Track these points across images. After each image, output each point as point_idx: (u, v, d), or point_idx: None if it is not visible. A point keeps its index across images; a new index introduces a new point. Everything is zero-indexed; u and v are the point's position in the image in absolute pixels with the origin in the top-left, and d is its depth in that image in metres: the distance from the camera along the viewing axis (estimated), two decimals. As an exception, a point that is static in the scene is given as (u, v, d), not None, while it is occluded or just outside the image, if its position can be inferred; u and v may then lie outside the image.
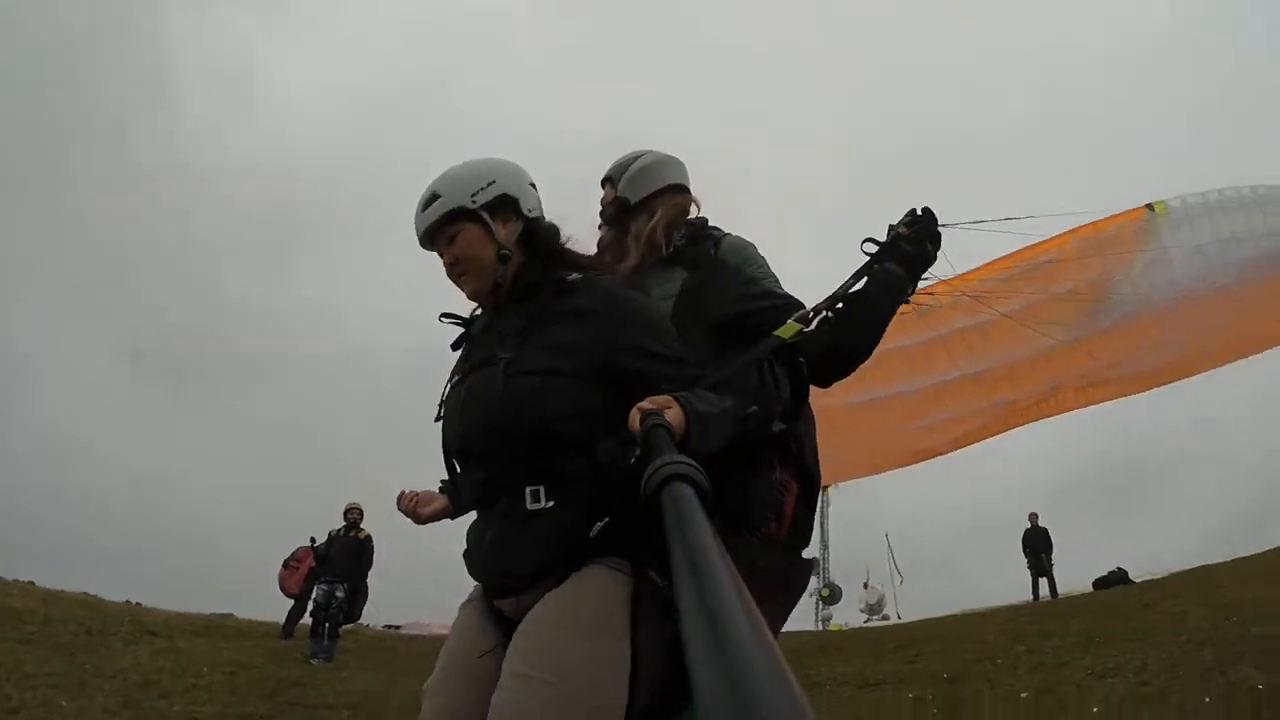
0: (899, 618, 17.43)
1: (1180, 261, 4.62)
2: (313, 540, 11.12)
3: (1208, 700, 4.61)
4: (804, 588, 1.86)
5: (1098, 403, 5.09)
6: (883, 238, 1.90)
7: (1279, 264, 4.74)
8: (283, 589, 11.54)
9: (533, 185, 1.79)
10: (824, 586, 30.05)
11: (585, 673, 1.34)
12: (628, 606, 1.42)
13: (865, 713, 5.75)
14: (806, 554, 1.85)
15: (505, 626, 1.54)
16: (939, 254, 1.89)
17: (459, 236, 1.69)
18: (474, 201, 1.68)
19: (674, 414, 1.26)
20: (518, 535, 1.53)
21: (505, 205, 1.71)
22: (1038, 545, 14.33)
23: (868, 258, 1.89)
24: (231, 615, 14.03)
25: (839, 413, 4.67)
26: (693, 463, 0.91)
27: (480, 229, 1.69)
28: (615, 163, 2.22)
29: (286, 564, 11.60)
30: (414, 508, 1.88)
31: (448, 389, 1.74)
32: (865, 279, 1.86)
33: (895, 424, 5.45)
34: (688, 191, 2.17)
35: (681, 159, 2.22)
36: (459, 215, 1.68)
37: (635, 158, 2.18)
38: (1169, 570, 13.18)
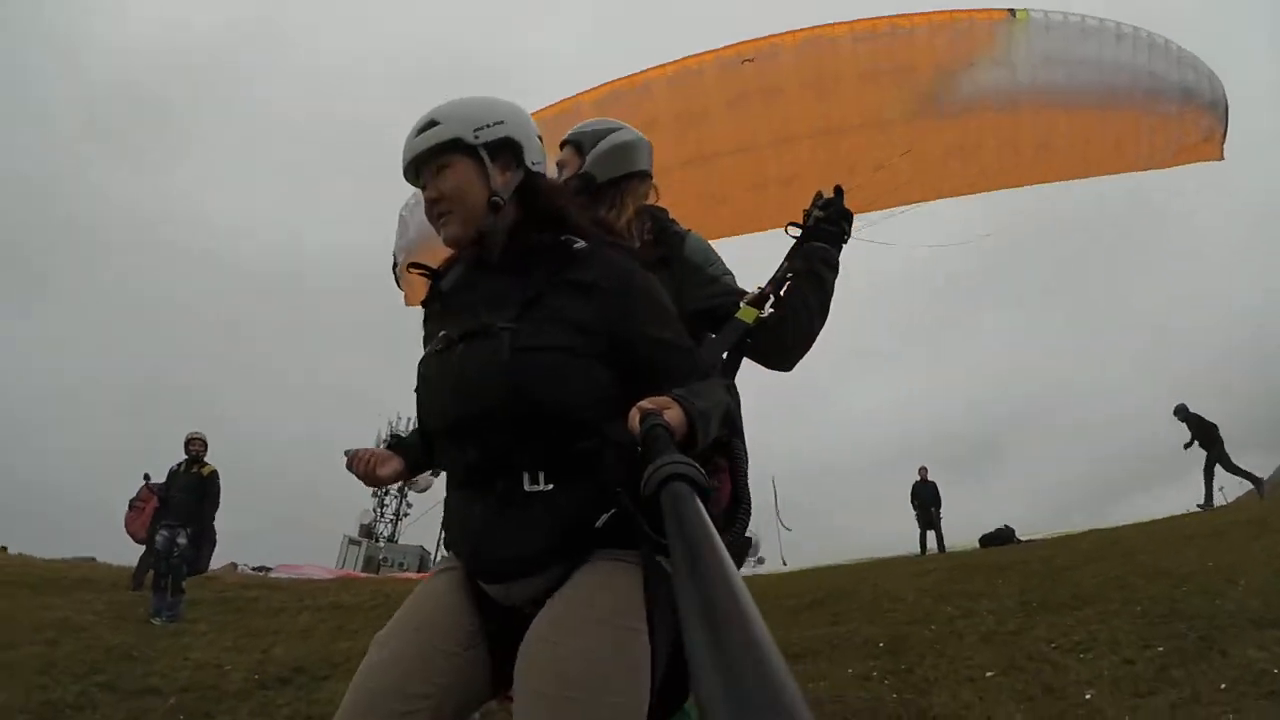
0: (784, 564, 17.19)
1: (1025, 69, 4.37)
2: (147, 478, 9.80)
3: (1224, 687, 3.88)
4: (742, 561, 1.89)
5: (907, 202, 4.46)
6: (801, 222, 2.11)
7: (1120, 98, 4.57)
8: (129, 532, 10.12)
9: (540, 138, 1.69)
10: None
11: (615, 685, 1.29)
12: (642, 599, 1.37)
13: (803, 691, 4.73)
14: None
15: (487, 611, 1.51)
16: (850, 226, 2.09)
17: (450, 170, 1.57)
18: (476, 137, 1.56)
19: (674, 414, 1.24)
20: (512, 519, 1.46)
21: (508, 150, 1.60)
22: (926, 499, 14.36)
23: (794, 240, 2.11)
24: (92, 559, 13.21)
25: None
26: (692, 463, 0.92)
27: (476, 167, 1.58)
28: (580, 128, 2.20)
29: (133, 504, 10.17)
30: (371, 469, 1.71)
31: (428, 355, 1.61)
32: (795, 259, 2.07)
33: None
34: (650, 178, 2.20)
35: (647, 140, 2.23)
36: (455, 147, 1.56)
37: (606, 130, 2.17)
38: (1051, 532, 13.44)
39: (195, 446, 8.95)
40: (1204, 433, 12.38)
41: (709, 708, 0.42)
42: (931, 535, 14.17)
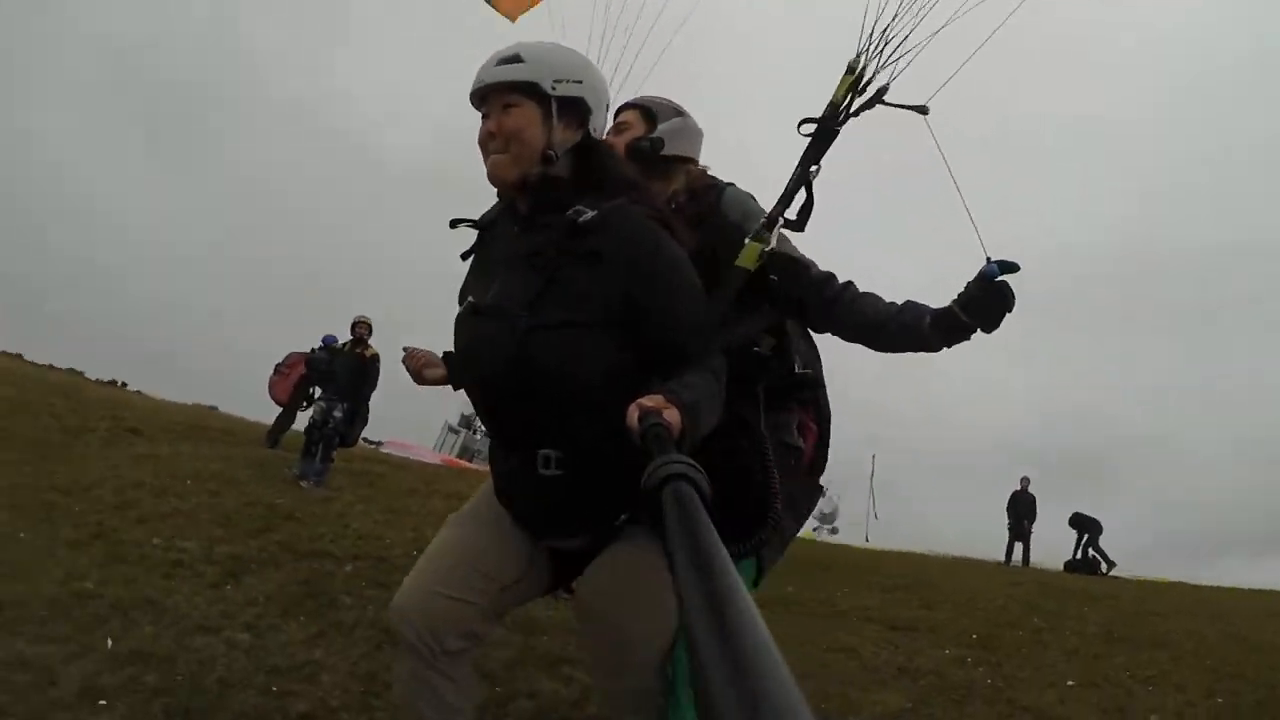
0: (867, 541, 18.12)
1: None
2: (313, 350, 10.30)
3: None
4: (811, 510, 2.11)
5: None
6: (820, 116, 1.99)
7: None
8: (272, 395, 10.95)
9: (608, 107, 1.73)
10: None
11: (655, 592, 1.50)
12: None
13: (907, 660, 5.86)
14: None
15: (533, 546, 1.68)
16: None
17: (517, 110, 1.57)
18: (553, 88, 1.57)
19: (672, 415, 1.27)
20: (533, 496, 1.59)
21: (577, 110, 1.62)
22: (1022, 511, 14.87)
23: (808, 139, 1.98)
24: (216, 409, 13.78)
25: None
26: (692, 462, 0.92)
27: (542, 115, 1.58)
28: (653, 100, 2.23)
29: (278, 369, 10.94)
30: (419, 367, 1.87)
31: (458, 317, 1.66)
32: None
33: None
34: (696, 163, 2.22)
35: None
36: (530, 90, 1.57)
37: (675, 110, 2.20)
38: (1134, 574, 13.79)
39: (360, 329, 9.47)
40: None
41: (710, 703, 0.43)
42: (1019, 547, 14.71)
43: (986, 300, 1.76)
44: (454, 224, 1.73)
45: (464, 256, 1.74)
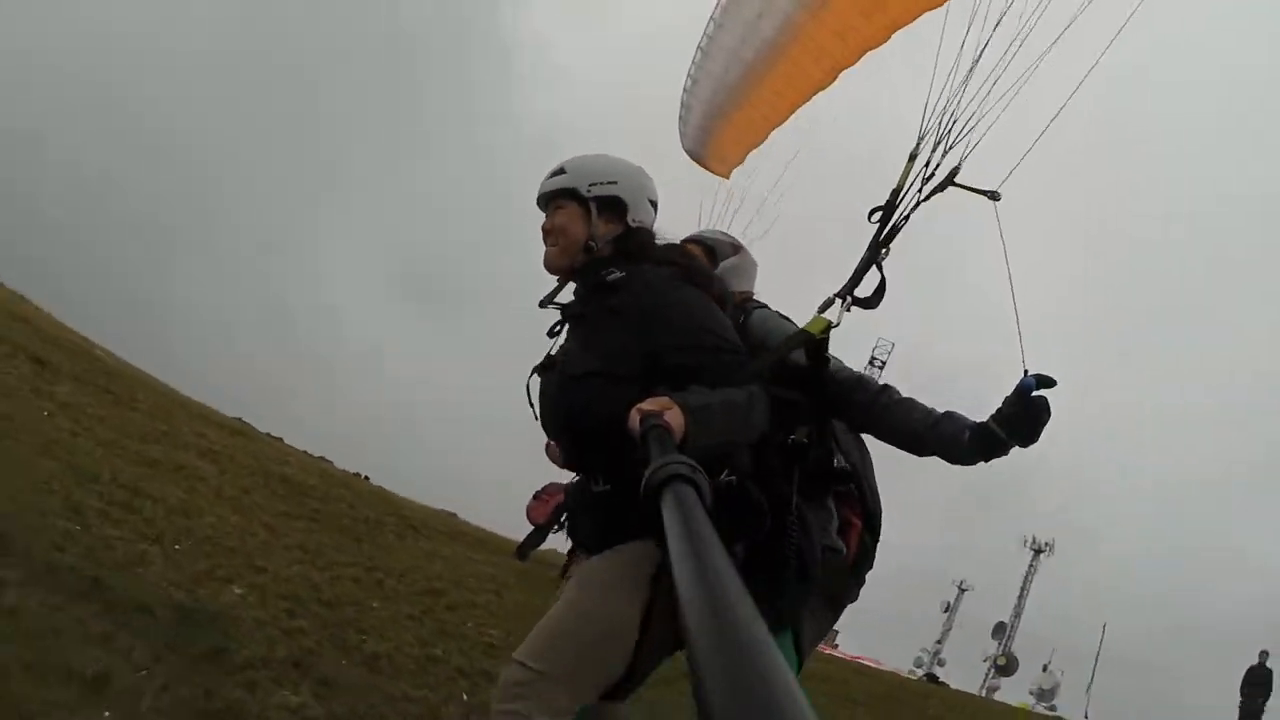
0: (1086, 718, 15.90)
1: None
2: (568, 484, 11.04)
3: None
4: (853, 601, 2.10)
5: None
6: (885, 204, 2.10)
7: None
8: (529, 517, 11.42)
9: (652, 202, 1.93)
10: (1002, 654, 27.42)
11: (599, 590, 1.66)
12: (650, 573, 1.61)
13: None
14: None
15: None
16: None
17: (562, 211, 1.86)
18: (589, 191, 1.84)
19: (674, 415, 1.30)
20: (586, 510, 1.84)
21: (614, 206, 1.86)
22: (1257, 685, 13.10)
23: (877, 225, 2.07)
24: (455, 515, 14.42)
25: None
26: (692, 463, 0.93)
27: (582, 213, 1.85)
28: (715, 236, 2.46)
29: (538, 495, 11.64)
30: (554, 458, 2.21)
31: (534, 373, 1.91)
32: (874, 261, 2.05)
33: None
34: (752, 296, 2.40)
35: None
36: (570, 194, 1.85)
37: (730, 248, 2.41)
38: None
39: None
40: None
41: (709, 699, 0.43)
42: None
43: (1024, 416, 1.77)
44: (542, 304, 1.96)
45: (549, 334, 1.94)
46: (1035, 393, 1.77)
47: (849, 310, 2.01)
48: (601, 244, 1.85)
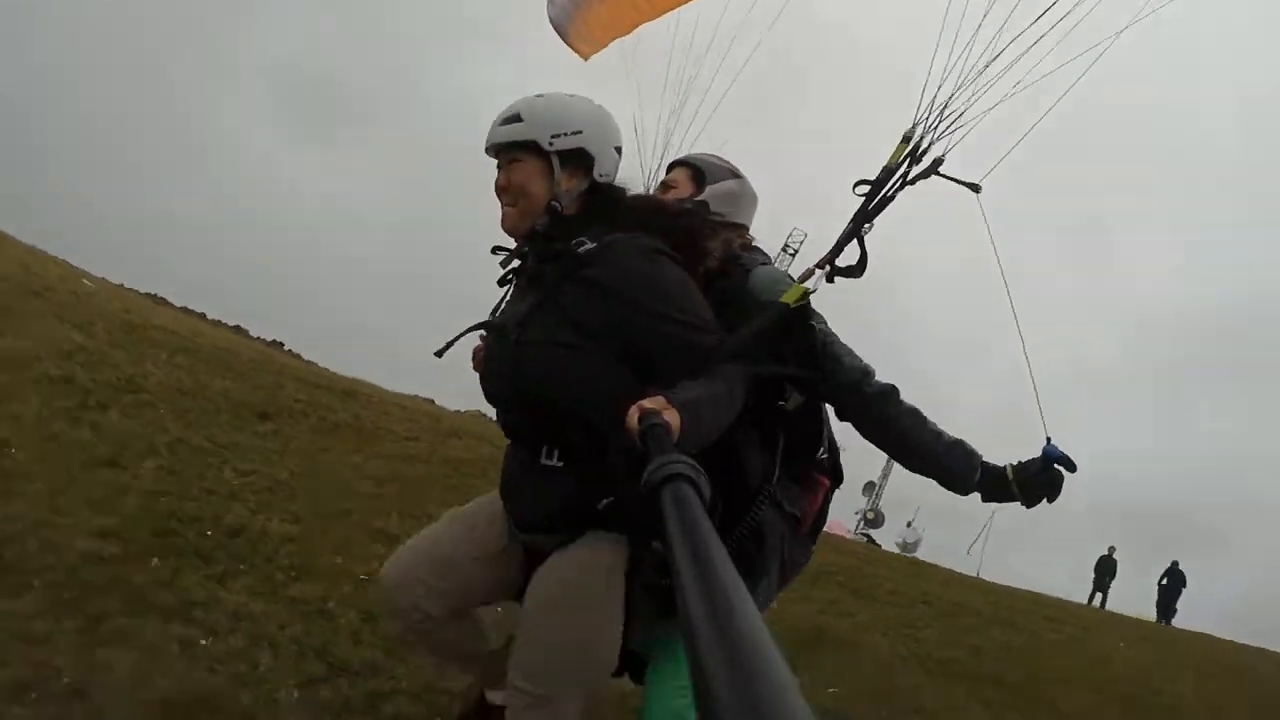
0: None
1: None
2: None
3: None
4: (798, 572, 2.04)
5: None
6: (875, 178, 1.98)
7: None
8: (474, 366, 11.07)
9: (617, 149, 1.76)
10: (870, 509, 31.36)
11: (580, 604, 1.61)
12: (623, 571, 1.63)
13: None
14: None
15: (514, 549, 1.81)
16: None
17: (520, 165, 1.66)
18: (551, 144, 1.64)
19: (672, 415, 1.28)
20: (530, 485, 1.69)
21: (579, 159, 1.68)
22: (1105, 572, 16.99)
23: (861, 198, 1.97)
24: (432, 400, 13.18)
25: None
26: (691, 462, 0.93)
27: (544, 169, 1.66)
28: (703, 158, 2.16)
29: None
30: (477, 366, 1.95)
31: (483, 328, 1.79)
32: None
33: None
34: (748, 230, 2.18)
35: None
36: (529, 147, 1.65)
37: (728, 173, 2.14)
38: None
39: None
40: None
41: (709, 698, 0.43)
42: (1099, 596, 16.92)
43: (1041, 483, 1.84)
44: (494, 251, 1.79)
45: (500, 283, 1.81)
46: (1055, 467, 1.84)
47: (831, 281, 1.96)
48: (567, 202, 1.69)
